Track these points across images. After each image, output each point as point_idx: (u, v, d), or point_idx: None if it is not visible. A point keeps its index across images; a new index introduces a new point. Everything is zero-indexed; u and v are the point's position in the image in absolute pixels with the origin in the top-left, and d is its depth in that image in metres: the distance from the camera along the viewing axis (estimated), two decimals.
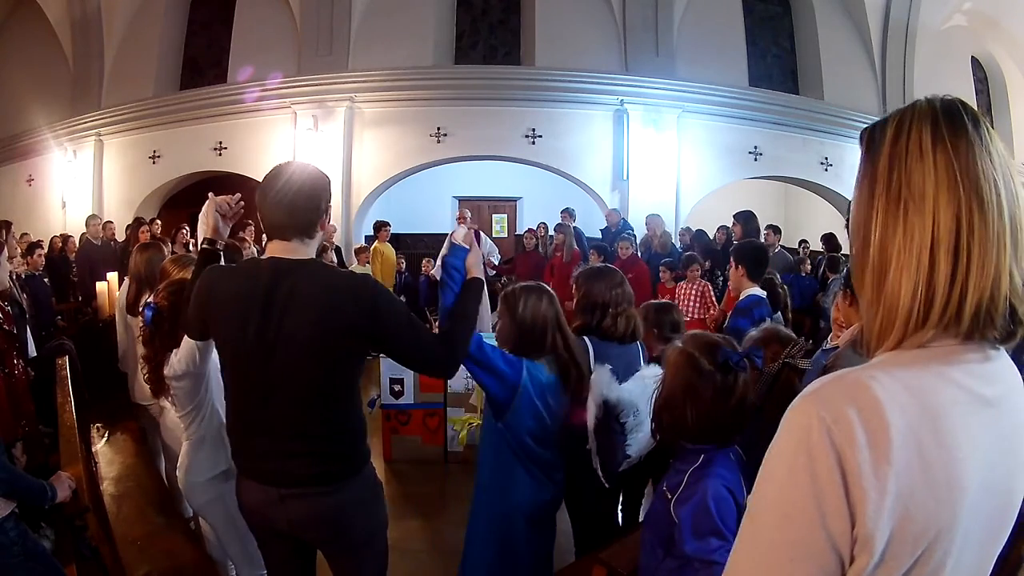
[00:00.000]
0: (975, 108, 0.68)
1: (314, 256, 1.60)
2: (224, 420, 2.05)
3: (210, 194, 1.87)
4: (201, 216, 1.84)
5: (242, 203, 1.86)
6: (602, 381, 2.20)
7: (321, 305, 1.49)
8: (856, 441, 0.58)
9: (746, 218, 4.92)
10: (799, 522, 0.59)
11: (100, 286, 4.97)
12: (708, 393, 1.41)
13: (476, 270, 1.82)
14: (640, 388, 2.19)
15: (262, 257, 1.60)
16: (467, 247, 1.90)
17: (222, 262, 1.82)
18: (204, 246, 1.81)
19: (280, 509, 1.57)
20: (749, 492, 1.36)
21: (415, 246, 10.28)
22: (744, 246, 3.56)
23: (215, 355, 2.00)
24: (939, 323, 0.64)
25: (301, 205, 1.54)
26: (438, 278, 1.98)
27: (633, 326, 2.40)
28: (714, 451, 1.42)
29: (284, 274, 1.51)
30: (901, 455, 0.58)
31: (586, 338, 2.31)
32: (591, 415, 2.19)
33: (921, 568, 0.61)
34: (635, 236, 7.13)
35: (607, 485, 2.29)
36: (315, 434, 1.55)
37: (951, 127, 0.66)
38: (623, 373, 2.27)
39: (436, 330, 1.78)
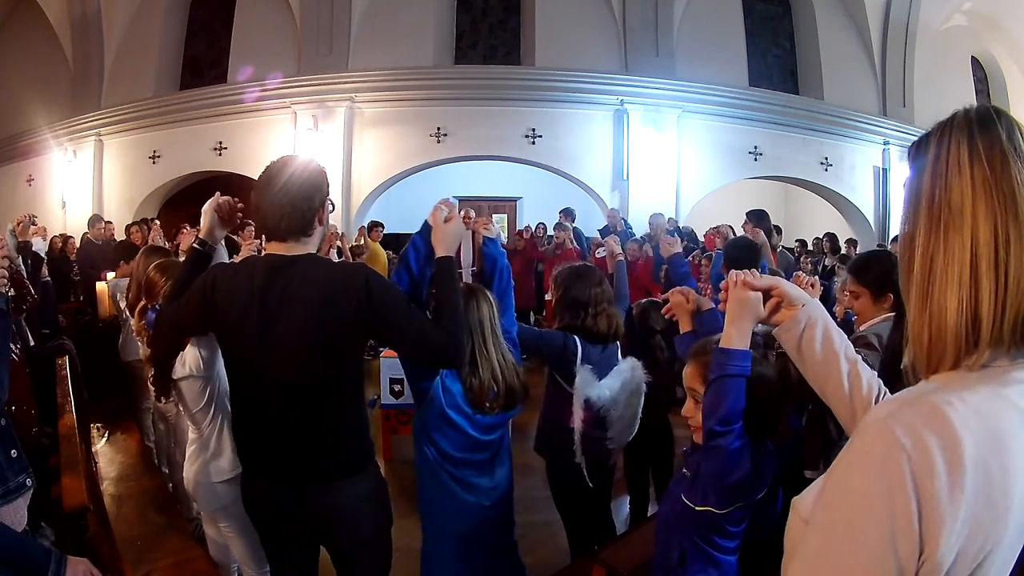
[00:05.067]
0: (1011, 116, 0.68)
1: (313, 251, 1.59)
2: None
3: (217, 193, 1.85)
4: (202, 215, 1.82)
5: (241, 207, 1.85)
6: (584, 382, 2.17)
7: (316, 300, 1.49)
8: (935, 470, 0.59)
9: (758, 217, 4.78)
10: (871, 546, 0.61)
11: (100, 286, 4.97)
12: (774, 381, 1.39)
13: (441, 248, 1.67)
14: (618, 383, 2.19)
15: (260, 255, 1.60)
16: (431, 224, 1.73)
17: (214, 263, 1.81)
18: (195, 246, 1.79)
19: (289, 506, 1.58)
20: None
21: None
22: (732, 245, 3.24)
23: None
24: (990, 341, 0.65)
25: (290, 207, 1.52)
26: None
27: (615, 325, 2.35)
28: None
29: (278, 271, 1.51)
30: (972, 481, 0.59)
31: (576, 338, 2.28)
32: (577, 417, 2.16)
33: None
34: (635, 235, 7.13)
35: (591, 484, 2.27)
36: (319, 430, 1.55)
37: (986, 139, 0.66)
38: (604, 372, 2.26)
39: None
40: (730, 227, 5.69)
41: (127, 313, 3.53)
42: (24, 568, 1.36)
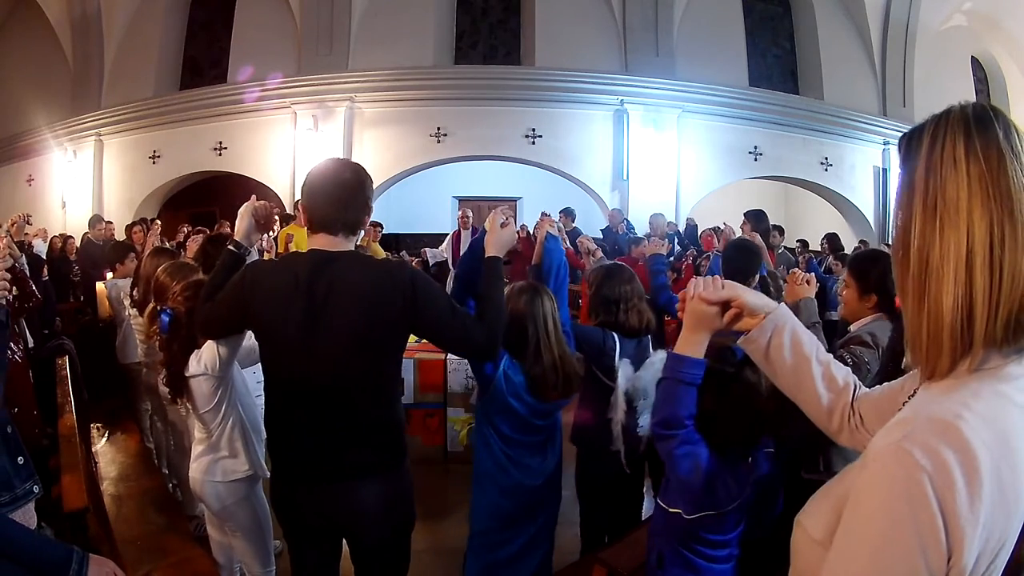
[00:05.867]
0: (1008, 116, 0.68)
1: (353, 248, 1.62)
2: (246, 422, 2.05)
3: (253, 196, 1.89)
4: (238, 217, 1.85)
5: (277, 212, 1.88)
6: (625, 375, 2.27)
7: (361, 295, 1.50)
8: (955, 485, 0.60)
9: (756, 216, 4.77)
10: (903, 566, 0.62)
11: (100, 286, 4.97)
12: (736, 397, 1.34)
13: (492, 249, 1.78)
14: (651, 374, 2.23)
15: (303, 251, 1.62)
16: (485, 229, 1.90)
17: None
18: (230, 248, 1.82)
19: (321, 502, 1.58)
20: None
21: (415, 246, 10.28)
22: (732, 246, 3.27)
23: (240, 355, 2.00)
24: (984, 340, 0.65)
25: (352, 202, 1.57)
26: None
27: (646, 320, 2.46)
28: None
29: (324, 266, 1.53)
30: (988, 489, 0.61)
31: (614, 334, 2.38)
32: (620, 409, 2.24)
33: (988, 571, 0.64)
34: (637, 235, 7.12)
35: (628, 471, 2.38)
36: (358, 426, 1.56)
37: (983, 136, 0.66)
38: (638, 364, 2.35)
39: None
40: (731, 228, 5.68)
41: (129, 313, 3.53)
42: (44, 569, 1.33)
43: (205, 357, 1.91)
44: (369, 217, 1.64)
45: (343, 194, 1.56)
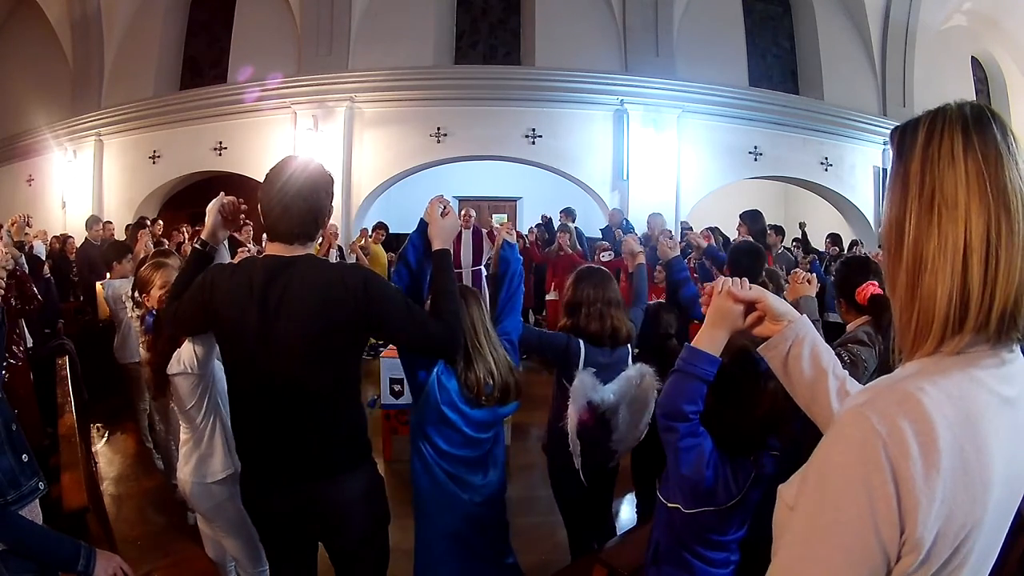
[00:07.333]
0: (1002, 116, 0.70)
1: (312, 252, 1.62)
2: (227, 421, 2.04)
3: (221, 193, 1.87)
4: (206, 214, 1.84)
5: (245, 208, 1.86)
6: (585, 384, 2.15)
7: (315, 300, 1.51)
8: (910, 454, 0.61)
9: (752, 217, 4.80)
10: (853, 530, 0.63)
11: (98, 287, 4.97)
12: (745, 399, 1.31)
13: (438, 241, 1.74)
14: (624, 388, 2.17)
15: (259, 256, 1.62)
16: (427, 220, 1.80)
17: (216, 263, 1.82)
18: (196, 247, 1.82)
19: (285, 503, 1.59)
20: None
21: None
22: (736, 250, 3.23)
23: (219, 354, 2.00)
24: (974, 328, 0.66)
25: (306, 212, 1.55)
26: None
27: (609, 327, 2.31)
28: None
29: (278, 271, 1.53)
30: (947, 463, 0.62)
31: (580, 340, 2.29)
32: (572, 418, 2.15)
33: (954, 559, 0.65)
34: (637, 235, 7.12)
35: (586, 484, 2.26)
36: (317, 427, 1.56)
37: (981, 135, 0.67)
38: (612, 376, 2.23)
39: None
40: (711, 230, 5.69)
41: (131, 315, 3.54)
42: (54, 562, 1.37)
43: (184, 355, 1.93)
44: (328, 219, 1.63)
45: (296, 207, 1.54)
